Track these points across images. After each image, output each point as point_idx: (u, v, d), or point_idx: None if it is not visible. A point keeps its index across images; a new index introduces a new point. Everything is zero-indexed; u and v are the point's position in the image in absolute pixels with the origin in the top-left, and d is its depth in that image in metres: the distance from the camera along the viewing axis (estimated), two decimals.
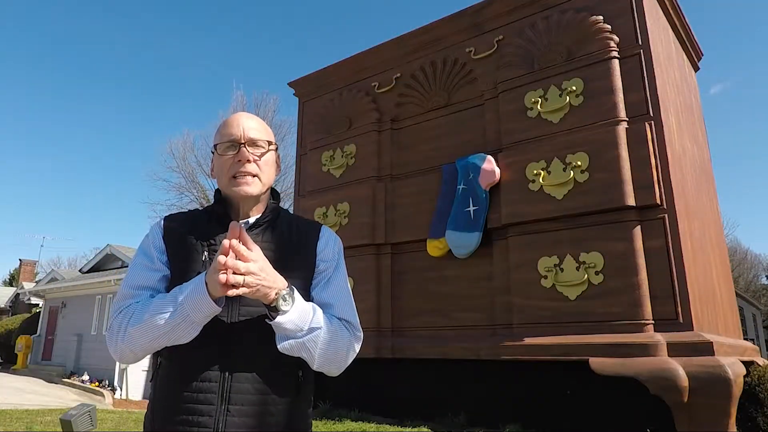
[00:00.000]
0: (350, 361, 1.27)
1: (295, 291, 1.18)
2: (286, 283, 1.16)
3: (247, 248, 1.12)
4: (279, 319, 1.14)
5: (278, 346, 1.17)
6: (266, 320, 1.16)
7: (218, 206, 1.31)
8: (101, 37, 59.89)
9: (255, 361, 1.17)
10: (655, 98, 4.13)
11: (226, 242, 1.10)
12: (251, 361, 1.17)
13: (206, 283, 1.12)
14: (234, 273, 1.08)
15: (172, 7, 59.16)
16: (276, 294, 1.13)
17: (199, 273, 1.19)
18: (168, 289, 1.22)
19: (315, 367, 1.23)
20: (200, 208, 1.40)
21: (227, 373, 1.15)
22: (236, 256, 1.10)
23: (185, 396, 1.15)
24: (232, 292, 1.08)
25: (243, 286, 1.09)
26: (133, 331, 1.16)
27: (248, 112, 1.39)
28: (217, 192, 1.34)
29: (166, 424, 1.15)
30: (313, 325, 1.18)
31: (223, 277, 1.06)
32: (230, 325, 1.18)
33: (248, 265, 1.10)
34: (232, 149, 1.27)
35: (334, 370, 1.26)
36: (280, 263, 1.21)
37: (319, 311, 1.23)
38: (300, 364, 1.23)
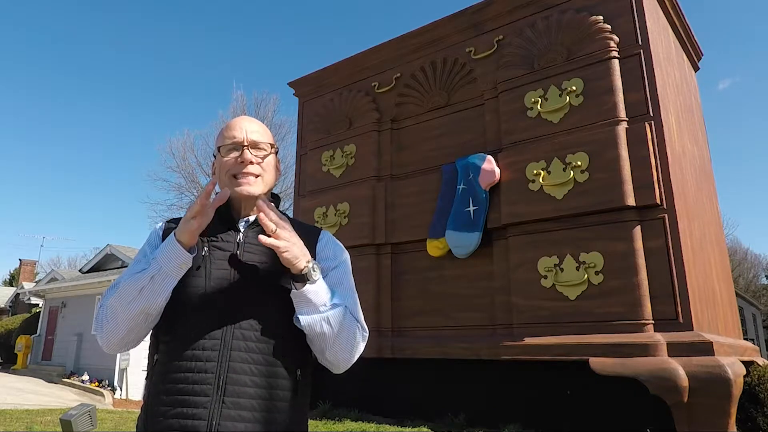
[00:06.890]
0: (356, 357, 1.27)
1: None
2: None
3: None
4: (308, 287, 1.16)
5: (300, 320, 1.18)
6: (293, 289, 1.18)
7: (221, 206, 1.31)
8: (101, 36, 59.93)
9: (253, 356, 1.17)
10: (655, 98, 4.13)
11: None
12: (249, 355, 1.17)
13: (175, 236, 1.17)
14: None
15: (173, 8, 59.17)
16: (308, 262, 1.17)
17: (199, 268, 1.20)
18: None
19: (327, 354, 1.23)
20: None
21: (224, 366, 1.14)
22: (265, 217, 1.16)
23: (180, 388, 1.14)
24: (266, 241, 1.14)
25: (276, 234, 1.15)
26: (112, 300, 1.18)
27: (249, 116, 1.41)
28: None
29: (161, 418, 1.14)
30: (336, 301, 1.21)
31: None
32: (228, 319, 1.18)
33: (278, 219, 1.18)
34: (234, 151, 1.29)
35: (342, 362, 1.25)
36: (280, 261, 1.21)
37: (336, 293, 1.25)
38: (299, 363, 1.23)
